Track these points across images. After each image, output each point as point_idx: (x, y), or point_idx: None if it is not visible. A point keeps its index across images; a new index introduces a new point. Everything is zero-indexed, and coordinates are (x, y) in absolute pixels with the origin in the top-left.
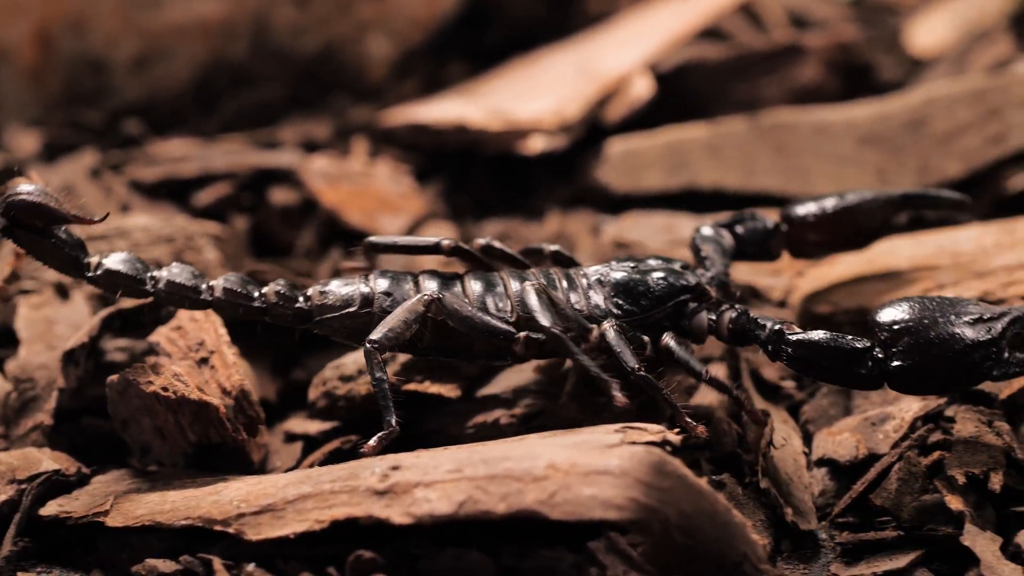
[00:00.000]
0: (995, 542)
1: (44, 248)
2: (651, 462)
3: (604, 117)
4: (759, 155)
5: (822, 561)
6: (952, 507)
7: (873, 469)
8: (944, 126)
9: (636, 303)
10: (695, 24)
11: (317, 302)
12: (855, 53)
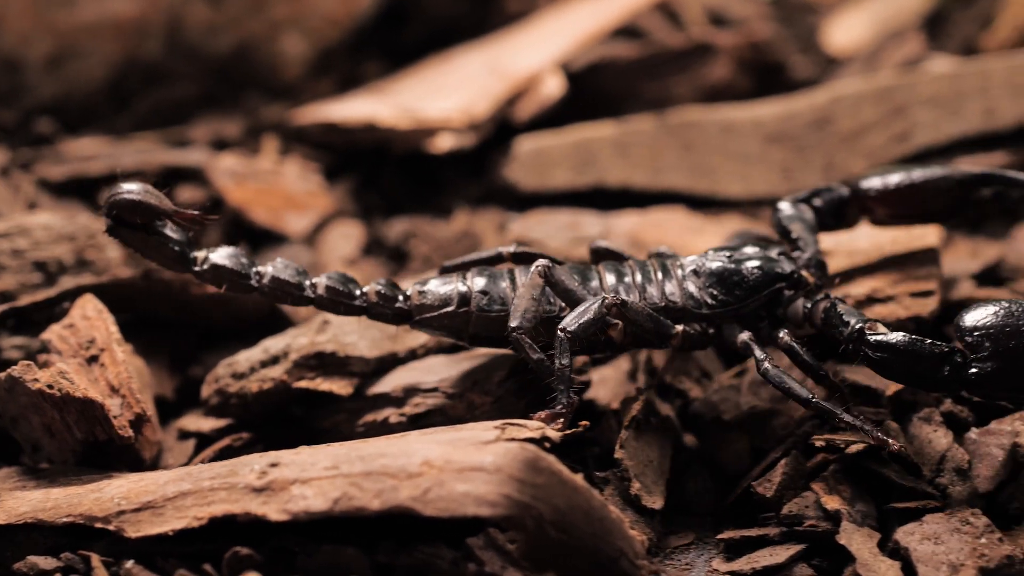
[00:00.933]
0: (872, 538)
1: (150, 245)
2: (525, 458)
3: (514, 116)
4: (666, 153)
5: (704, 556)
6: (828, 507)
7: (759, 467)
8: (849, 124)
9: (731, 293)
10: (610, 23)
11: (416, 302)
12: (767, 52)
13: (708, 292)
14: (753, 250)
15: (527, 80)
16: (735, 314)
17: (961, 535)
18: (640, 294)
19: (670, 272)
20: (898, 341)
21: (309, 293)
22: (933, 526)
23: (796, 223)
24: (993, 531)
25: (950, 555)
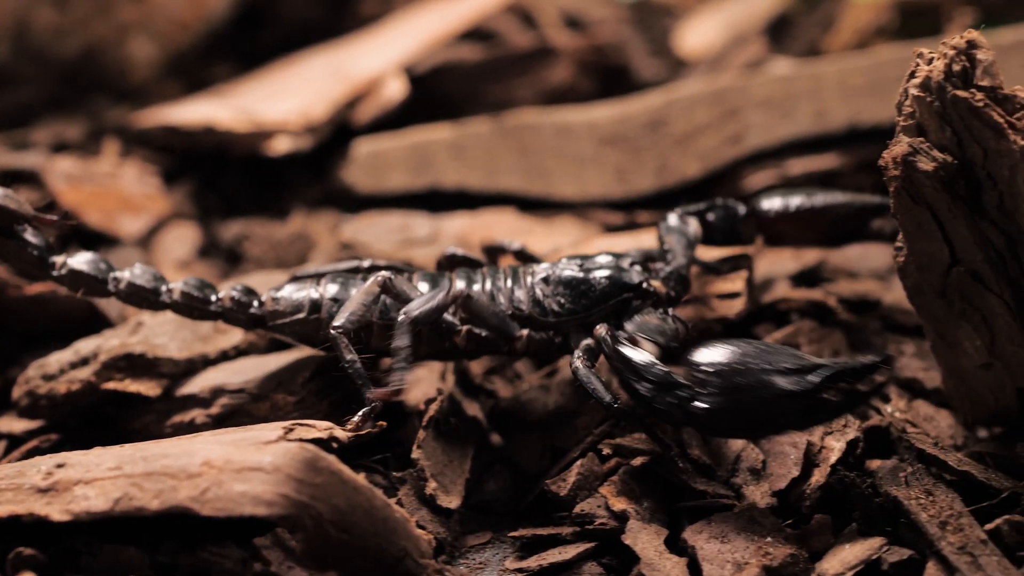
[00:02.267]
0: (659, 537)
1: (8, 249)
2: (304, 458)
3: (354, 118)
4: (502, 156)
5: (499, 556)
6: (615, 508)
7: (556, 467)
8: (683, 127)
9: (578, 301)
10: (457, 26)
11: (270, 308)
12: (609, 55)
13: (555, 300)
14: (605, 259)
15: (368, 83)
16: (581, 322)
17: (747, 534)
18: (489, 300)
19: (520, 279)
20: (637, 358)
21: (165, 298)
22: (721, 525)
23: (673, 235)
24: (780, 530)
25: (735, 553)
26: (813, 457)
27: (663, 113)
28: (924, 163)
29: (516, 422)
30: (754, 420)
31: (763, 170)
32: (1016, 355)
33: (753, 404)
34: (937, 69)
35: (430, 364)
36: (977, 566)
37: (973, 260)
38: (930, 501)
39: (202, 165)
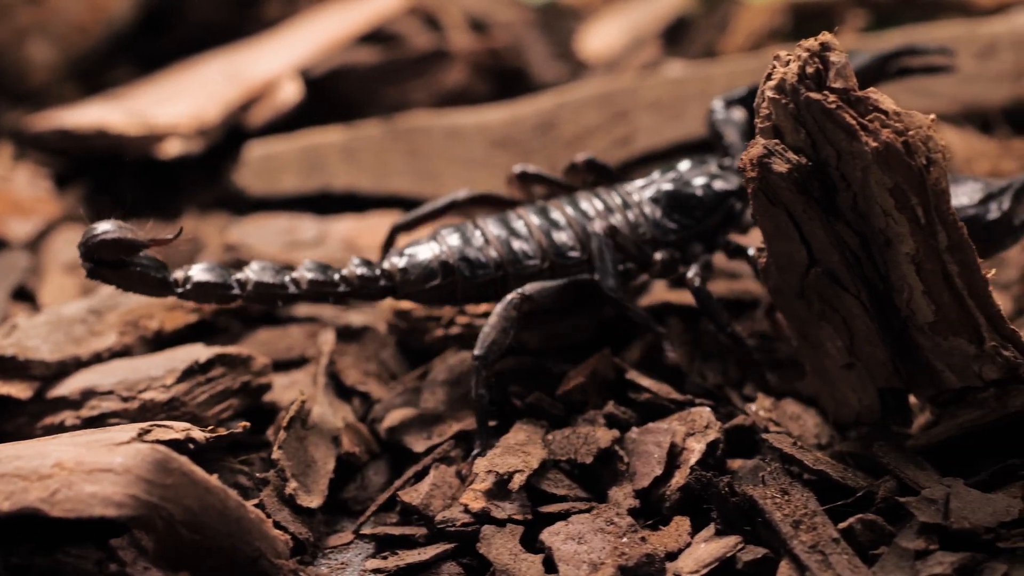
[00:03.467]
0: (515, 538)
1: (131, 278)
2: (155, 459)
3: (248, 121)
4: (393, 158)
5: (361, 555)
6: (473, 509)
7: (411, 469)
8: (573, 129)
9: (690, 215)
10: (358, 29)
11: (400, 279)
12: (506, 58)
13: (669, 218)
14: (691, 166)
15: (263, 86)
16: (697, 235)
17: (604, 535)
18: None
19: (629, 203)
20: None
21: (293, 290)
22: (578, 526)
23: (728, 127)
24: (636, 530)
25: (592, 554)
26: (675, 457)
27: (553, 116)
28: (779, 165)
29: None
30: None
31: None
32: (874, 355)
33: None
34: (791, 71)
35: (306, 368)
36: (827, 564)
37: (830, 261)
38: (785, 500)
39: (96, 168)
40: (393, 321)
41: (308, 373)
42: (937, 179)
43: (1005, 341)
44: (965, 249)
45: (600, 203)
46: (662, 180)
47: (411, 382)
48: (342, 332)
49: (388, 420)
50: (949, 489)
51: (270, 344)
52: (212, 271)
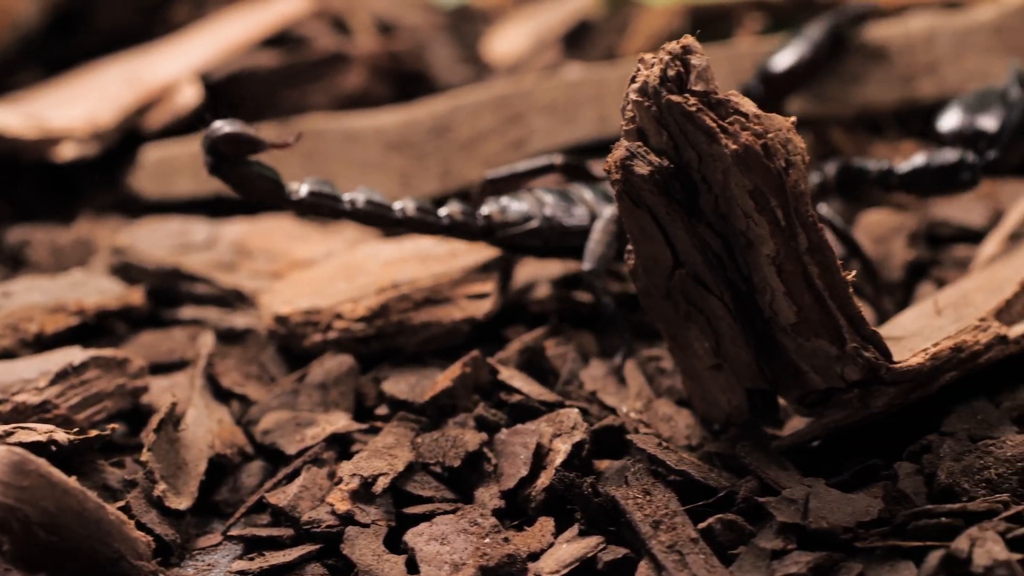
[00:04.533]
0: (379, 539)
1: (249, 178)
2: (11, 461)
3: (145, 124)
4: (288, 161)
5: (229, 557)
6: (340, 510)
7: (281, 472)
8: (468, 132)
9: None
10: (262, 32)
11: (499, 219)
12: (407, 61)
13: None
14: None
15: (161, 89)
16: None
17: (467, 535)
18: None
19: None
20: (922, 164)
21: (398, 215)
22: (442, 527)
23: None
24: (500, 531)
25: (454, 555)
26: (542, 459)
27: (449, 119)
28: (640, 167)
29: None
30: None
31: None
32: (739, 356)
33: None
34: (653, 74)
35: (186, 370)
36: (684, 564)
37: (694, 263)
38: (647, 500)
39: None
40: (272, 327)
41: (189, 376)
42: (796, 181)
43: (866, 342)
44: (825, 251)
45: None
46: None
47: (289, 385)
48: (225, 335)
49: (263, 422)
50: (810, 489)
51: (153, 347)
52: (324, 184)
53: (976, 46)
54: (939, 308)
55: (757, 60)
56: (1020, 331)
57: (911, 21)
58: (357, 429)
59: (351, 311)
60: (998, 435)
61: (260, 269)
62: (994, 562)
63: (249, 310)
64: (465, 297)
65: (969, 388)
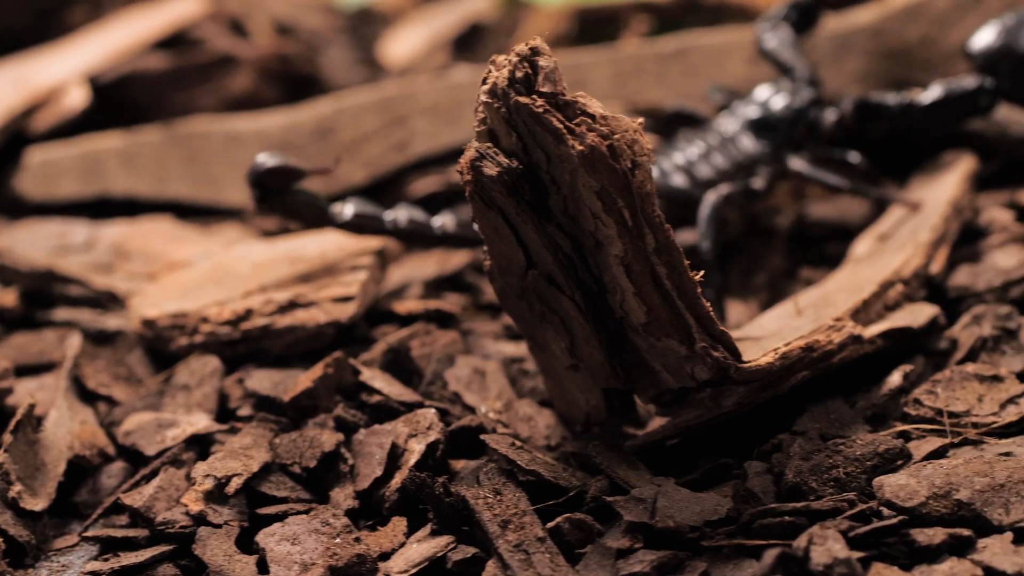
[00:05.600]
0: (231, 537)
1: (295, 206)
2: None
3: (32, 127)
4: (172, 164)
5: (85, 557)
6: (192, 511)
7: (140, 472)
8: (351, 134)
9: (779, 134)
10: (156, 34)
11: None
12: (297, 64)
13: (761, 142)
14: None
15: (49, 92)
16: (789, 148)
17: (319, 535)
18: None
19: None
20: (941, 94)
21: (438, 232)
22: (294, 527)
23: (784, 48)
24: (351, 531)
25: (304, 555)
26: (396, 459)
27: (332, 121)
28: (489, 168)
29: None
30: None
31: (428, 176)
32: (593, 356)
33: None
34: (502, 75)
35: (55, 372)
36: (529, 563)
37: (546, 263)
38: (497, 500)
39: None
40: (140, 329)
41: (56, 376)
42: (642, 182)
43: (715, 342)
44: (672, 251)
45: (702, 144)
46: (746, 109)
47: (155, 386)
48: (96, 337)
49: (126, 424)
50: (659, 488)
51: (23, 348)
52: (367, 204)
53: (856, 48)
54: (799, 308)
55: (641, 63)
56: (876, 331)
57: None
58: (218, 430)
59: (217, 315)
60: (849, 434)
61: (137, 271)
62: (834, 560)
63: (122, 312)
64: (330, 300)
65: (825, 388)
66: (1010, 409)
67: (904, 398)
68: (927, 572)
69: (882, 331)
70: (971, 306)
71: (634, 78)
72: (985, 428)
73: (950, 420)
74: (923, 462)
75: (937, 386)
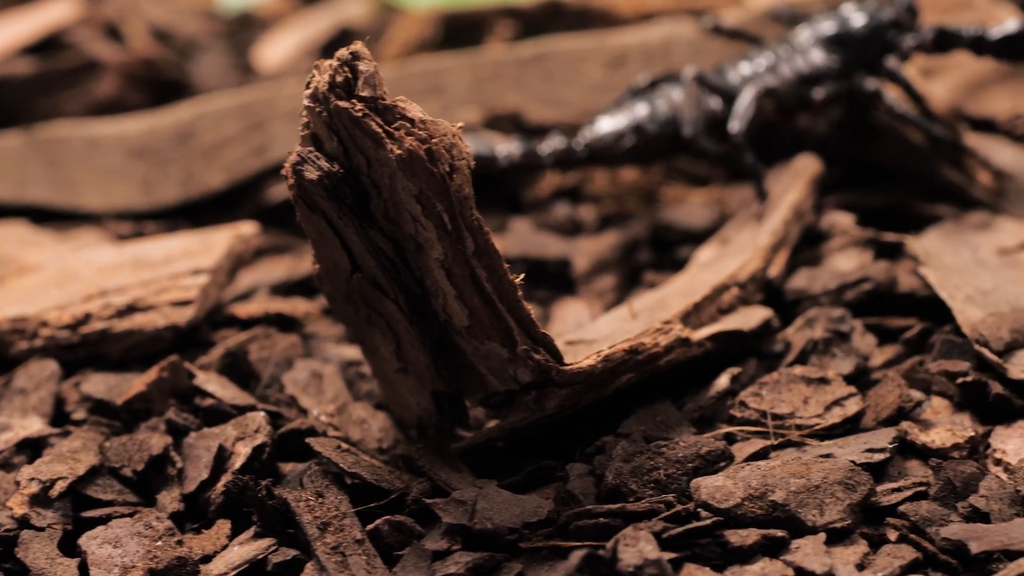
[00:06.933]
0: (54, 540)
1: None
2: None
3: None
4: (31, 168)
5: None
6: (16, 513)
7: None
8: (211, 138)
9: (854, 51)
10: (24, 39)
11: (596, 146)
12: (164, 69)
13: (832, 57)
14: (855, 6)
15: None
16: (862, 66)
17: (141, 538)
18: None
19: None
20: (1012, 29)
21: (504, 163)
22: (117, 530)
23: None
24: (174, 534)
25: (125, 558)
26: (224, 462)
27: (192, 125)
28: (310, 172)
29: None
30: None
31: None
32: (418, 359)
33: None
34: (322, 80)
35: None
36: (345, 565)
37: (369, 267)
38: (319, 503)
39: None
40: None
41: None
42: (460, 185)
43: (536, 345)
44: (492, 254)
45: (771, 55)
46: (824, 24)
47: None
48: None
49: None
50: (480, 491)
51: None
52: (480, 142)
53: (712, 53)
54: (635, 312)
55: (500, 68)
56: (705, 334)
57: (651, 30)
58: (51, 434)
59: (57, 319)
60: (674, 436)
61: None
62: (644, 561)
63: None
64: (169, 304)
65: (656, 390)
66: (835, 411)
67: (731, 400)
68: (739, 573)
69: (711, 334)
70: (806, 309)
71: (492, 83)
72: (808, 430)
73: (774, 422)
74: (742, 464)
75: (764, 388)
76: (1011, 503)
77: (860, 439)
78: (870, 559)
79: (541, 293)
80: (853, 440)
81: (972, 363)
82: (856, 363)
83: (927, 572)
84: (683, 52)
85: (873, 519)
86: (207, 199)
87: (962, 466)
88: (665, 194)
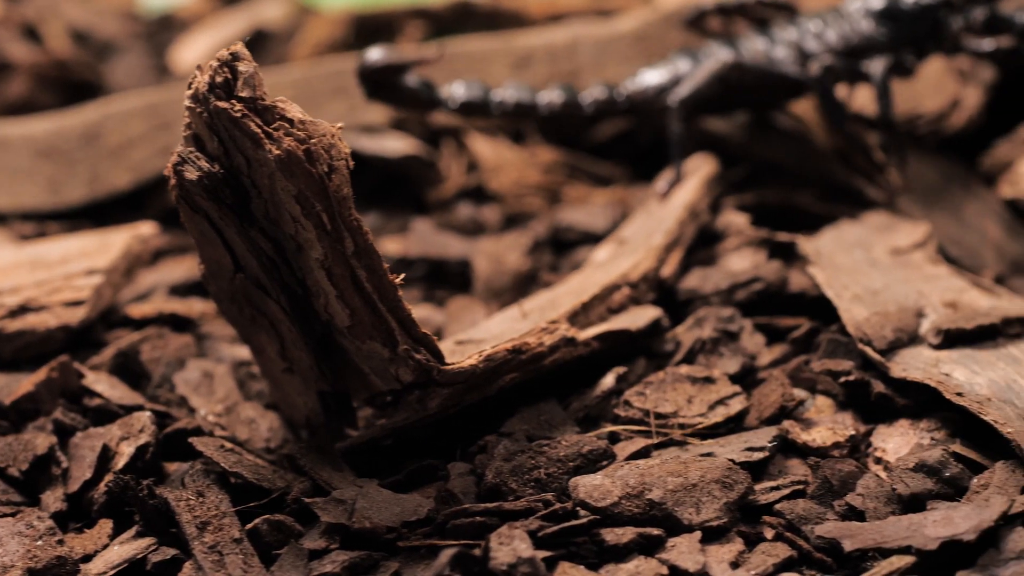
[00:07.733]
0: None
1: (406, 97)
2: None
3: None
4: None
5: None
6: None
7: None
8: (117, 139)
9: (901, 25)
10: None
11: (640, 99)
12: (76, 70)
13: (880, 31)
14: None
15: None
16: (908, 43)
17: (21, 538)
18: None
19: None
20: None
21: (544, 111)
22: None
23: None
24: (55, 533)
25: (4, 557)
26: (107, 462)
27: (99, 126)
28: (190, 172)
29: None
30: None
31: None
32: (301, 359)
33: None
34: (203, 81)
35: None
36: (222, 564)
37: (251, 267)
38: (199, 502)
39: None
40: None
41: None
42: (339, 186)
43: (417, 344)
44: (371, 255)
45: (819, 22)
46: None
47: None
48: None
49: None
50: (360, 490)
51: None
52: (472, 87)
53: (617, 55)
54: (525, 312)
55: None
56: (592, 333)
57: (557, 31)
58: None
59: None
60: (557, 436)
61: None
62: (518, 559)
63: None
64: (61, 304)
65: (543, 390)
66: (718, 410)
67: (616, 400)
68: (614, 571)
69: (598, 333)
70: (698, 308)
71: None
72: (691, 429)
73: (658, 421)
74: (622, 463)
75: (648, 388)
76: (887, 501)
77: (741, 438)
78: (745, 557)
79: (441, 293)
80: (735, 439)
81: (856, 362)
82: (743, 362)
83: (801, 570)
84: (589, 52)
85: (750, 518)
86: (113, 199)
87: (840, 464)
88: (568, 194)
